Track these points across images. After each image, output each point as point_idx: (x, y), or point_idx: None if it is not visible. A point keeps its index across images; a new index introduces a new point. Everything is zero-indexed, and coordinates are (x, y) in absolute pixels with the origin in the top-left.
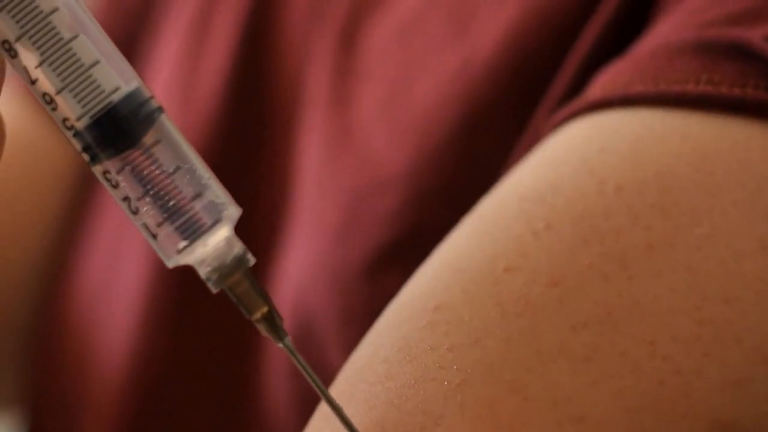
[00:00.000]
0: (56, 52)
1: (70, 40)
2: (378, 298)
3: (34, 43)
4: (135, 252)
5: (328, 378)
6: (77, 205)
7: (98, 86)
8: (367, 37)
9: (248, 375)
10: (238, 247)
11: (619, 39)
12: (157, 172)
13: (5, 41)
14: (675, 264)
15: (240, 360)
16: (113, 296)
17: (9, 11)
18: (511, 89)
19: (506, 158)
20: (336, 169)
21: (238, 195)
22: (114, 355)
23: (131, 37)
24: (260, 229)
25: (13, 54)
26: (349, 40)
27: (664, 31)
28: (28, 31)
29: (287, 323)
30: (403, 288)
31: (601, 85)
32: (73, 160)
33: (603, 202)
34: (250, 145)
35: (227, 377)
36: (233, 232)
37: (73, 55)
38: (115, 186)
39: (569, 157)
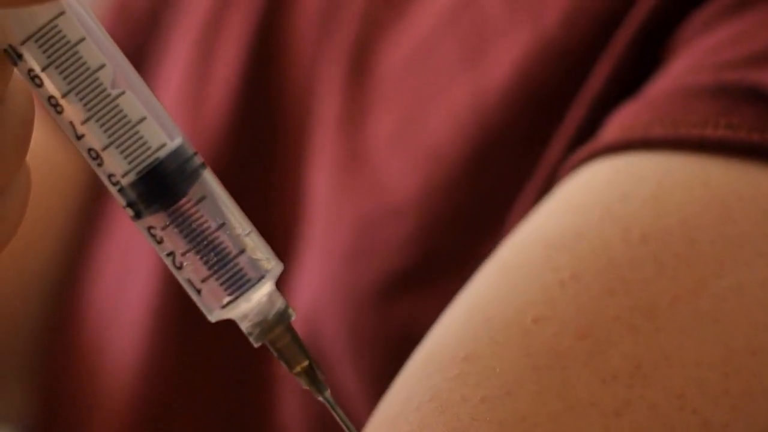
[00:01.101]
0: (103, 108)
1: (117, 97)
2: (388, 324)
3: (81, 99)
4: (144, 265)
5: (339, 400)
6: (87, 218)
7: (145, 143)
8: (379, 60)
9: (259, 391)
10: (280, 302)
11: (632, 74)
12: (202, 228)
13: (51, 97)
14: (702, 316)
15: (250, 376)
16: (122, 309)
17: (56, 67)
18: (523, 120)
19: (518, 189)
20: (347, 194)
21: (249, 212)
22: (123, 368)
23: (139, 47)
24: (274, 245)
25: (60, 110)
26: (359, 60)
27: (680, 71)
28: (75, 87)
29: None
30: (430, 334)
31: (619, 126)
32: (83, 172)
33: (628, 252)
34: (259, 162)
35: (237, 393)
36: (275, 286)
37: (120, 111)
38: (160, 242)
39: (592, 202)
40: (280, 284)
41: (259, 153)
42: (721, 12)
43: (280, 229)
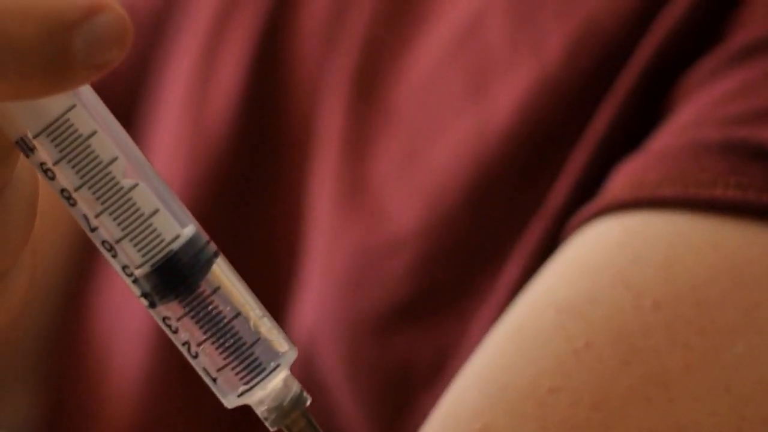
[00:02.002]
0: (116, 201)
1: (130, 190)
2: (387, 354)
3: (94, 192)
4: None
5: (337, 425)
6: None
7: (158, 235)
8: (383, 87)
9: None
10: (296, 386)
11: (637, 117)
12: (217, 318)
13: (64, 189)
14: (714, 385)
15: None
16: (128, 318)
17: (69, 161)
18: (525, 157)
19: (519, 225)
20: (348, 223)
21: (251, 233)
22: (128, 376)
23: (144, 52)
24: (273, 270)
25: (73, 202)
26: (363, 86)
27: (687, 123)
28: (87, 181)
29: (296, 371)
30: (445, 398)
31: (628, 183)
32: None
33: (641, 319)
34: (260, 178)
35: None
36: (290, 372)
37: (134, 204)
38: (175, 331)
39: (604, 265)
40: (281, 308)
41: (260, 169)
42: (727, 61)
43: (283, 252)
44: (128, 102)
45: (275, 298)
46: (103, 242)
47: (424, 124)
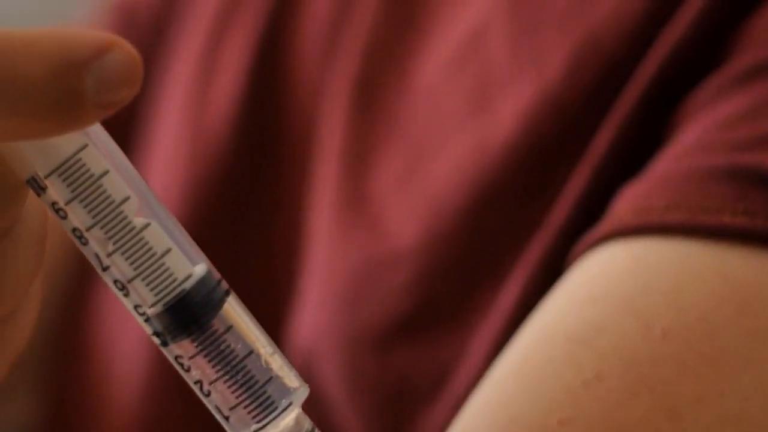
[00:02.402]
0: (128, 241)
1: (142, 229)
2: (387, 368)
3: (106, 232)
4: None
5: None
6: None
7: (171, 274)
8: (384, 97)
9: None
10: (308, 424)
11: (639, 135)
12: (229, 357)
13: (76, 229)
14: (725, 415)
15: None
16: (130, 327)
17: (80, 201)
18: (525, 174)
19: (518, 241)
20: (348, 235)
21: (250, 240)
22: (129, 383)
23: (145, 53)
24: (272, 279)
25: (84, 242)
26: (364, 94)
27: (693, 146)
28: (99, 220)
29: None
30: (454, 427)
31: (634, 208)
32: None
33: (650, 349)
34: (261, 187)
35: None
36: (301, 409)
37: (146, 244)
38: (187, 370)
39: (612, 294)
40: (281, 320)
41: (260, 174)
42: (732, 82)
43: (283, 263)
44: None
45: (274, 309)
46: (115, 281)
47: (426, 137)
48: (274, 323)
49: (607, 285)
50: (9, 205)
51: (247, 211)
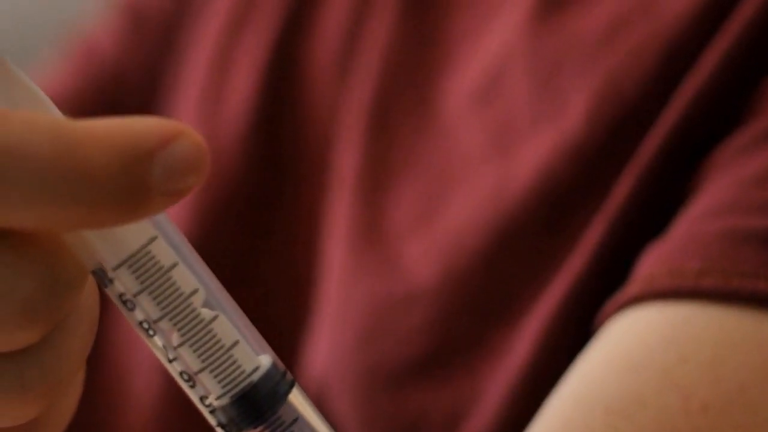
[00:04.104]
0: (197, 333)
1: (211, 321)
2: (400, 408)
3: (174, 324)
4: None
5: None
6: None
7: (239, 367)
8: (400, 127)
9: None
10: None
11: (659, 186)
12: None
13: (143, 321)
14: None
15: None
16: (142, 356)
17: (149, 293)
18: (544, 218)
19: (535, 284)
20: (363, 271)
21: (263, 267)
22: (142, 399)
23: (153, 62)
24: (285, 308)
25: (152, 333)
26: (379, 121)
27: (724, 205)
28: (168, 313)
29: None
30: None
31: (668, 270)
32: None
33: (690, 423)
34: (273, 214)
35: None
36: None
37: (214, 336)
38: None
39: (650, 363)
40: (294, 350)
41: (273, 198)
42: (757, 139)
43: (292, 289)
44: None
45: (286, 337)
46: (182, 373)
47: (444, 172)
48: (286, 351)
49: (645, 354)
50: (69, 295)
51: (259, 235)
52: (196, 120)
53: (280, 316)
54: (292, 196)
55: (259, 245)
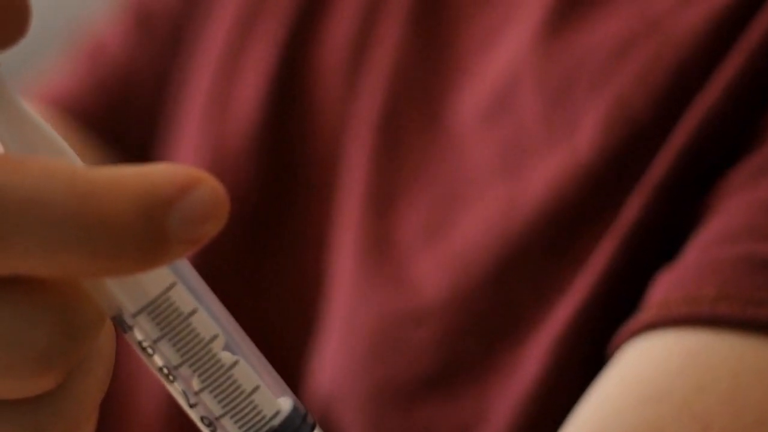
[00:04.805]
0: (217, 379)
1: (231, 367)
2: (409, 426)
3: (194, 370)
4: None
5: None
6: None
7: (260, 412)
8: (409, 138)
9: None
10: None
11: (668, 207)
12: None
13: (163, 367)
14: None
15: None
16: (146, 383)
17: (169, 340)
18: (553, 238)
19: (542, 303)
20: (371, 286)
21: (270, 277)
22: (151, 409)
23: (161, 66)
24: (292, 320)
25: (172, 379)
26: (388, 133)
27: (739, 231)
28: (188, 359)
29: None
30: None
31: (683, 296)
32: None
33: None
34: (281, 225)
35: None
36: None
37: (234, 381)
38: None
39: (669, 392)
40: (302, 363)
41: (280, 209)
42: None
43: (300, 297)
44: (149, 118)
45: (292, 349)
46: (203, 418)
47: (454, 188)
48: (291, 363)
49: (664, 383)
50: (86, 341)
51: (267, 245)
52: (202, 124)
53: (287, 328)
54: (301, 206)
55: (267, 256)
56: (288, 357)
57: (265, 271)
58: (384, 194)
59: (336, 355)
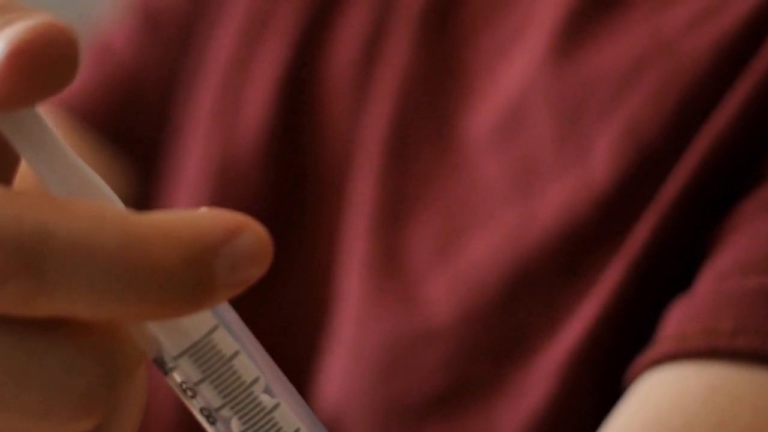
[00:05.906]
0: (259, 421)
1: (273, 410)
2: None
3: (236, 413)
4: None
5: None
6: None
7: None
8: (418, 155)
9: None
10: None
11: (678, 231)
12: None
13: (204, 408)
14: None
15: None
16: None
17: (211, 382)
18: (563, 260)
19: (552, 325)
20: (380, 305)
21: (276, 290)
22: (164, 414)
23: (169, 67)
24: (298, 335)
25: (212, 420)
26: (397, 148)
27: (755, 261)
28: (230, 401)
29: None
30: None
31: (702, 329)
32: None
33: None
34: (288, 238)
35: None
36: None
37: (275, 424)
38: None
39: (690, 427)
40: (308, 378)
41: (288, 222)
42: None
43: (307, 313)
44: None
45: (299, 363)
46: None
47: (464, 207)
48: (297, 380)
49: (684, 416)
50: (126, 383)
51: (276, 258)
52: (210, 129)
53: (294, 345)
54: (309, 221)
55: (273, 270)
56: (294, 374)
57: (271, 287)
58: (392, 212)
59: (344, 373)
